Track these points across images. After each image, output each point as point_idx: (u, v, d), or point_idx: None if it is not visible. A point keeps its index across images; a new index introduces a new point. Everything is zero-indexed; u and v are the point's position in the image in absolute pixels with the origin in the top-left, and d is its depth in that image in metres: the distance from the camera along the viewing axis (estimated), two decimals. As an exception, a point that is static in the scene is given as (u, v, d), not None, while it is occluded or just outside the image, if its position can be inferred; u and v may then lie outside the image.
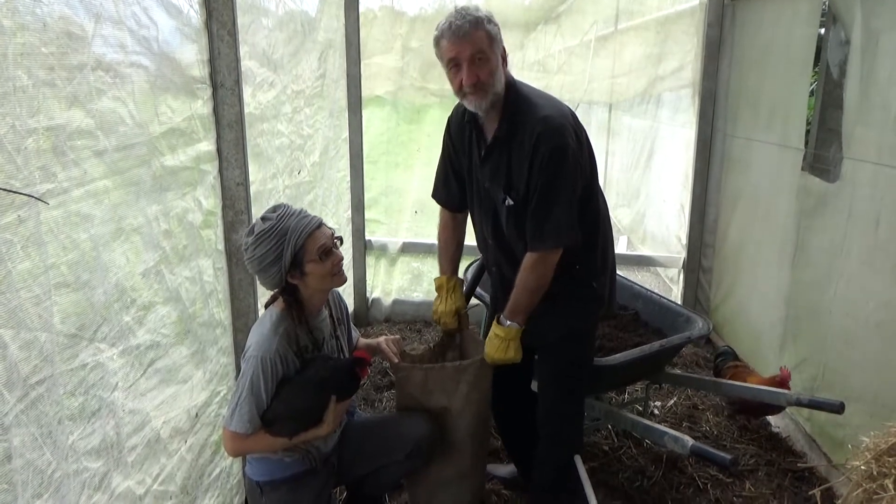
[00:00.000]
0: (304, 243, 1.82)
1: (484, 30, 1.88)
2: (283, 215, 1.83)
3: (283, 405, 1.85)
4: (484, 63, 1.89)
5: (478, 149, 2.08)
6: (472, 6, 1.94)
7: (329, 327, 2.07)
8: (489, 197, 2.09)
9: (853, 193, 2.54)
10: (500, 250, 2.16)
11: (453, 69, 1.92)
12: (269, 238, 1.80)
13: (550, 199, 1.94)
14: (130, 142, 1.67)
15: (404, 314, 4.46)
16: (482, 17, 1.89)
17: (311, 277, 1.87)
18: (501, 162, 2.01)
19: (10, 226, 1.23)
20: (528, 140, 1.92)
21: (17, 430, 1.25)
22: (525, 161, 1.94)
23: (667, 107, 4.16)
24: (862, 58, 2.49)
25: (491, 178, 2.06)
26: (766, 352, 3.31)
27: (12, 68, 1.24)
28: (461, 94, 1.94)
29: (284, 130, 2.91)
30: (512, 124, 1.97)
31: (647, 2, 4.03)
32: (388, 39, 4.19)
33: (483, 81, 1.89)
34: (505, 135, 1.98)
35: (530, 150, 1.92)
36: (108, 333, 1.59)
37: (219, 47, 2.10)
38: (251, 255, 1.83)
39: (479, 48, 1.87)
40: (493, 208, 2.10)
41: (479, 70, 1.88)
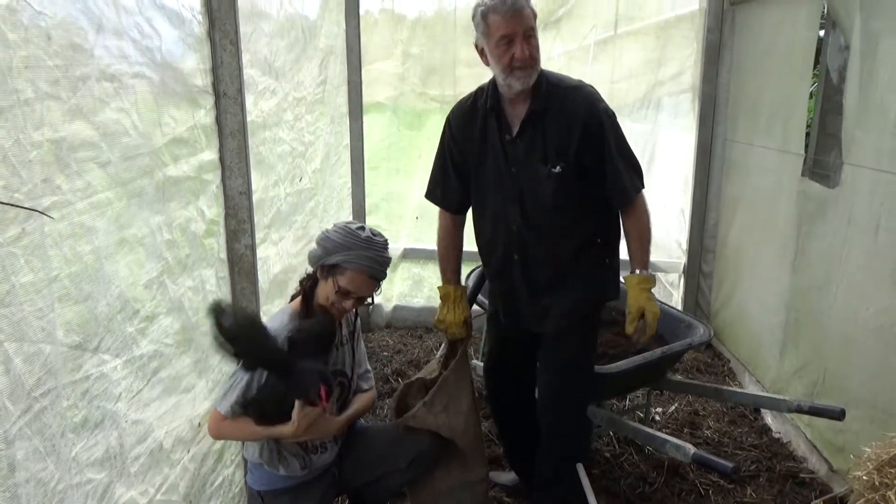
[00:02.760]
0: (347, 270, 1.89)
1: (530, 7, 1.96)
2: (371, 240, 1.92)
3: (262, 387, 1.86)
4: (533, 39, 1.96)
5: (501, 134, 2.10)
6: None
7: (337, 337, 2.07)
8: (518, 177, 2.11)
9: (853, 199, 2.54)
10: (531, 231, 2.15)
11: (504, 45, 1.94)
12: (344, 236, 1.91)
13: (624, 150, 2.09)
14: (134, 152, 1.67)
15: (405, 320, 4.46)
16: None
17: (323, 289, 1.95)
18: (537, 137, 2.06)
19: (14, 239, 1.23)
20: (573, 108, 2.02)
21: (21, 443, 1.25)
22: (574, 128, 2.02)
23: (667, 111, 4.16)
24: (861, 63, 2.50)
25: (527, 155, 2.08)
26: (767, 357, 3.32)
27: (17, 81, 1.25)
28: (509, 69, 1.96)
29: (286, 138, 2.92)
30: (546, 100, 2.03)
31: (647, 6, 4.04)
32: (389, 45, 4.20)
33: (534, 57, 1.96)
34: (541, 109, 2.03)
35: (581, 117, 2.01)
36: (112, 344, 1.60)
37: (221, 56, 2.11)
38: (328, 231, 1.96)
39: (529, 24, 1.93)
40: (521, 190, 2.11)
41: (531, 46, 1.94)
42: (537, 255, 2.17)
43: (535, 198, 2.11)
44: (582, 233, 2.17)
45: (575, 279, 2.18)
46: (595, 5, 4.05)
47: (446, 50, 4.15)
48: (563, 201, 2.10)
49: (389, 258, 1.99)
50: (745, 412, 3.28)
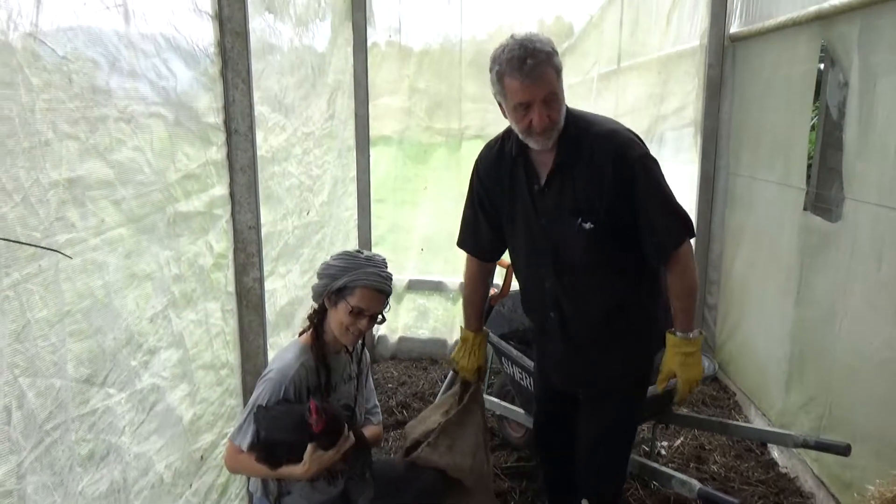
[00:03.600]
0: (356, 289, 1.91)
1: (553, 66, 1.76)
2: (371, 260, 1.97)
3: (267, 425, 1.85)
4: (554, 102, 1.79)
5: (529, 184, 1.96)
6: (534, 35, 1.79)
7: (346, 371, 2.09)
8: (549, 231, 1.96)
9: (855, 233, 2.56)
10: (566, 288, 2.00)
11: (521, 111, 1.79)
12: (346, 260, 1.95)
13: (662, 200, 1.88)
14: (147, 189, 1.72)
15: (410, 351, 4.46)
16: (550, 51, 1.76)
17: (335, 314, 1.95)
18: (566, 188, 1.90)
19: (31, 276, 1.27)
20: (602, 157, 1.83)
21: (32, 477, 1.27)
22: (603, 181, 1.84)
23: (670, 145, 4.21)
24: (860, 99, 2.54)
25: (556, 208, 1.93)
26: (773, 390, 3.30)
27: (39, 123, 1.30)
28: (527, 132, 1.83)
29: (294, 171, 2.97)
30: (575, 147, 1.86)
31: (649, 42, 4.12)
32: (396, 80, 4.28)
33: (554, 121, 1.80)
34: (569, 160, 1.88)
35: (611, 168, 1.83)
36: (117, 378, 1.62)
37: (233, 95, 2.17)
38: (327, 262, 1.99)
39: (550, 89, 1.76)
40: (553, 244, 1.96)
41: (551, 110, 1.78)
42: (575, 314, 2.02)
43: (568, 254, 1.96)
44: (622, 289, 2.00)
45: (618, 337, 2.03)
46: (598, 41, 4.13)
47: (452, 85, 4.22)
48: (597, 258, 1.94)
49: (391, 274, 2.00)
50: (751, 446, 3.26)
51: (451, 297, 4.47)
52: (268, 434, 1.84)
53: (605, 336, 2.04)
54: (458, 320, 4.43)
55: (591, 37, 4.20)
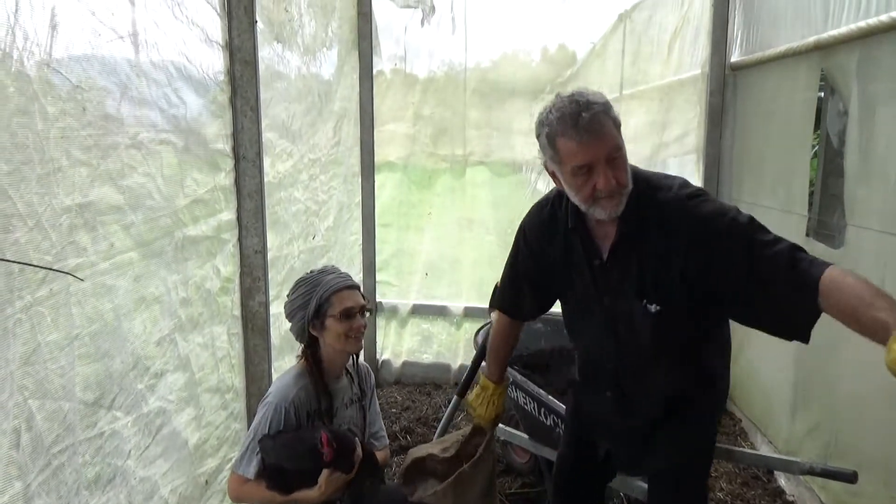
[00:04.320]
0: (330, 298, 1.89)
1: (611, 118, 1.54)
2: (324, 271, 1.95)
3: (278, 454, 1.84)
4: (619, 160, 1.54)
5: (589, 257, 1.72)
6: (583, 88, 1.59)
7: (347, 397, 2.08)
8: (611, 311, 1.74)
9: (858, 260, 2.57)
10: (629, 372, 1.81)
11: (582, 176, 1.54)
12: (304, 285, 1.93)
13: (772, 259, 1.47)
14: (156, 214, 1.75)
15: (414, 376, 4.46)
16: (606, 102, 1.55)
17: (328, 333, 1.91)
18: (631, 264, 1.65)
19: (42, 299, 1.29)
20: (676, 229, 1.57)
21: (39, 500, 1.27)
22: (677, 257, 1.57)
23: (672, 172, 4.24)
24: (860, 128, 2.57)
25: (619, 287, 1.69)
26: (779, 416, 3.28)
27: (53, 150, 1.33)
28: (591, 200, 1.56)
29: (301, 197, 3.01)
30: (641, 215, 1.60)
31: (650, 71, 4.18)
32: (401, 107, 4.35)
33: (622, 184, 1.55)
34: (633, 234, 1.62)
35: (689, 243, 1.55)
36: (124, 401, 1.64)
37: (242, 122, 2.21)
38: (287, 299, 1.94)
39: (613, 143, 1.52)
40: (615, 325, 1.76)
41: (617, 170, 1.53)
42: (636, 395, 1.83)
43: (632, 336, 1.73)
44: (693, 369, 1.79)
45: (685, 418, 1.81)
46: (600, 69, 4.20)
47: (456, 112, 4.28)
48: (666, 342, 1.70)
49: (347, 273, 1.99)
50: (758, 473, 3.23)
51: (454, 321, 4.47)
52: (277, 463, 1.83)
53: (667, 416, 1.82)
54: (462, 345, 4.43)
55: (593, 65, 4.27)
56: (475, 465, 2.17)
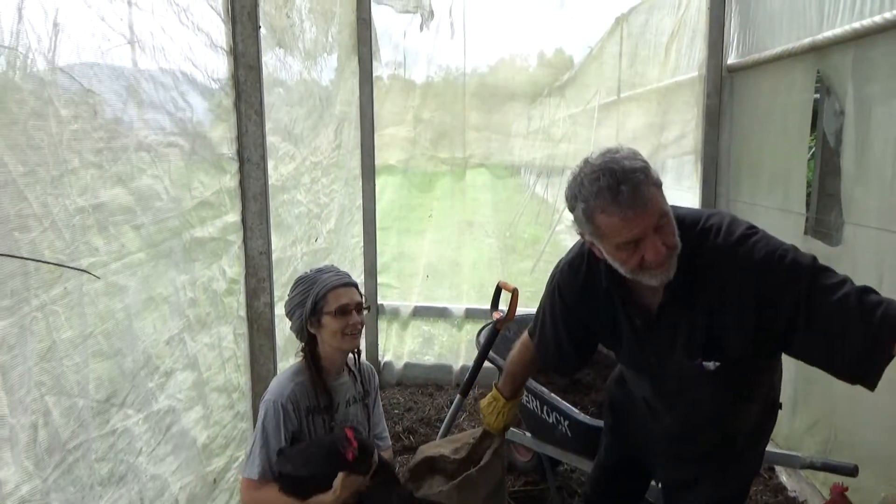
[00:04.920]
0: (326, 295, 1.91)
1: (652, 182, 1.38)
2: (322, 269, 1.98)
3: (293, 462, 1.85)
4: (667, 225, 1.40)
5: (630, 319, 1.62)
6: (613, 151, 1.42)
7: (349, 394, 2.08)
8: (659, 370, 1.66)
9: (855, 257, 2.60)
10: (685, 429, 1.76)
11: (629, 250, 1.41)
12: (301, 284, 1.95)
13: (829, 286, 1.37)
14: (164, 216, 1.78)
15: (416, 378, 4.48)
16: (643, 166, 1.39)
17: (325, 331, 1.92)
18: (682, 323, 1.54)
19: (57, 298, 1.32)
20: (732, 282, 1.44)
21: (56, 495, 1.30)
22: (739, 307, 1.45)
23: (671, 173, 4.29)
24: (856, 128, 2.61)
25: (669, 347, 1.58)
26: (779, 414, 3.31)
27: (66, 152, 1.36)
28: (638, 270, 1.44)
29: (303, 200, 3.04)
30: (689, 272, 1.46)
31: (648, 73, 4.22)
32: (401, 111, 4.39)
33: (672, 247, 1.42)
34: (683, 288, 1.49)
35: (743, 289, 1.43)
36: (135, 400, 1.66)
37: (246, 125, 2.24)
38: (287, 302, 1.97)
39: (660, 211, 1.38)
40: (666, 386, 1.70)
41: (665, 236, 1.40)
42: (690, 448, 1.77)
43: (685, 393, 1.66)
44: (750, 414, 1.73)
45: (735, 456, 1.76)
46: (598, 72, 4.24)
47: (456, 115, 4.32)
48: (726, 395, 1.62)
49: (345, 271, 2.01)
50: (759, 471, 3.26)
51: (455, 323, 4.50)
52: (296, 472, 1.82)
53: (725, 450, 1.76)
54: (463, 346, 4.46)
55: (591, 68, 4.32)
56: (483, 469, 2.18)
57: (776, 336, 1.44)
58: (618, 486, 2.15)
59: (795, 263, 1.40)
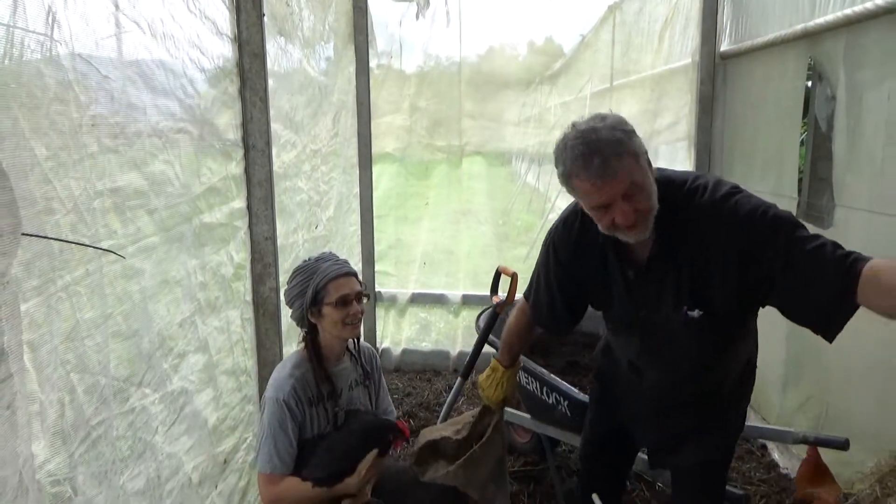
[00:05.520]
0: (327, 285, 1.92)
1: (628, 152, 1.47)
2: (321, 258, 1.99)
3: (317, 455, 1.90)
4: (638, 194, 1.49)
5: (623, 270, 1.71)
6: (598, 120, 1.51)
7: (351, 378, 2.12)
8: (648, 325, 1.74)
9: (847, 239, 2.62)
10: (670, 383, 1.84)
11: (600, 212, 1.53)
12: (301, 273, 1.96)
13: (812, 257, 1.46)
14: (176, 201, 1.81)
15: (413, 364, 4.54)
16: (619, 139, 1.46)
17: (326, 320, 1.94)
18: (669, 275, 1.63)
19: (79, 279, 1.36)
20: (715, 235, 1.54)
21: (81, 469, 1.34)
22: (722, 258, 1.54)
23: (664, 159, 4.35)
24: (847, 113, 2.67)
25: (657, 299, 1.68)
26: (770, 394, 3.39)
27: (86, 137, 1.39)
28: (612, 228, 1.55)
29: (304, 187, 3.07)
30: (674, 228, 1.58)
31: (641, 60, 4.27)
32: (397, 99, 4.42)
33: (644, 211, 1.52)
34: (668, 246, 1.61)
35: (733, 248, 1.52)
36: (152, 379, 1.70)
37: (251, 112, 2.27)
38: (287, 286, 1.98)
39: (629, 182, 1.47)
40: (652, 337, 1.77)
41: (636, 202, 1.50)
42: (674, 402, 1.85)
43: (671, 347, 1.74)
44: (734, 363, 1.81)
45: (718, 412, 1.84)
46: (591, 60, 4.28)
47: (451, 103, 4.36)
48: (708, 345, 1.71)
49: (344, 258, 2.03)
50: (752, 448, 3.34)
51: (452, 309, 4.56)
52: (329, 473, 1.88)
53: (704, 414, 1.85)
54: (460, 332, 4.52)
55: (584, 56, 4.35)
56: (484, 445, 2.22)
57: (757, 288, 1.52)
58: (606, 458, 2.21)
59: (776, 219, 1.49)
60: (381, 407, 2.25)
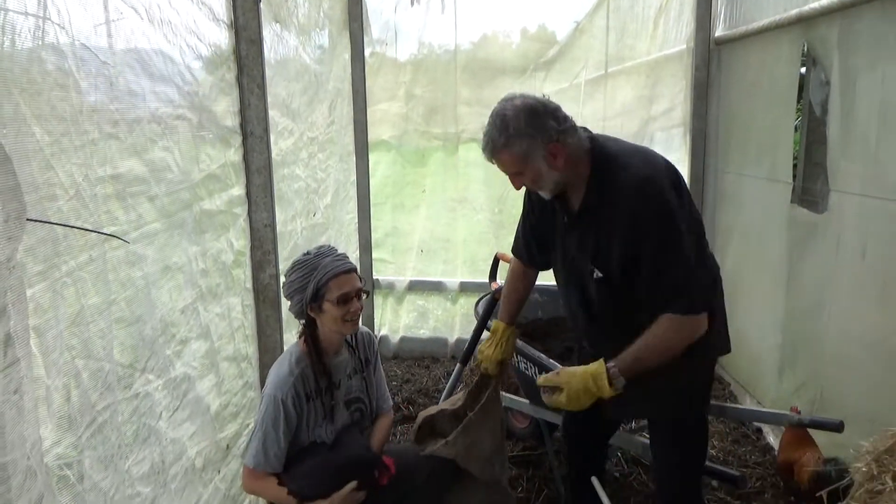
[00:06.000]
0: (328, 282, 1.93)
1: (507, 153, 1.81)
2: (321, 253, 1.97)
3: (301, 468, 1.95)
4: (519, 177, 1.86)
5: (563, 218, 1.97)
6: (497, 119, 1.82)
7: (349, 367, 2.14)
8: (576, 268, 1.98)
9: (841, 223, 2.70)
10: (592, 324, 2.04)
11: None
12: (301, 268, 1.95)
13: (666, 262, 1.76)
14: (176, 188, 1.81)
15: (412, 351, 4.56)
16: (500, 146, 1.81)
17: (326, 316, 1.96)
18: (589, 232, 1.88)
19: (83, 264, 1.36)
20: (622, 207, 1.77)
21: (89, 452, 1.35)
22: (619, 230, 1.79)
23: (660, 145, 4.35)
24: (841, 97, 2.68)
25: (578, 249, 1.93)
26: (766, 378, 3.43)
27: (86, 123, 1.39)
28: None
29: (302, 175, 3.07)
30: (600, 193, 1.83)
31: (636, 47, 4.27)
32: (392, 87, 4.41)
33: (534, 183, 1.87)
34: (593, 205, 1.86)
35: (628, 219, 1.77)
36: (155, 365, 1.71)
37: (249, 99, 2.27)
38: (285, 280, 1.98)
39: (508, 170, 1.86)
40: (580, 280, 1.98)
41: (521, 180, 1.87)
42: (606, 348, 1.94)
43: (599, 303, 1.96)
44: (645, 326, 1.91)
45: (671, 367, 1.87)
46: (586, 46, 4.28)
47: (447, 90, 4.35)
48: (610, 305, 1.93)
49: (344, 253, 2.03)
50: (747, 432, 3.38)
51: (450, 297, 4.57)
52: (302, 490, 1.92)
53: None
54: (458, 320, 4.54)
55: (578, 43, 4.34)
56: (481, 410, 2.24)
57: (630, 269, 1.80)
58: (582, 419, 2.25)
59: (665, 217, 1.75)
60: (378, 393, 2.27)
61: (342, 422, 2.10)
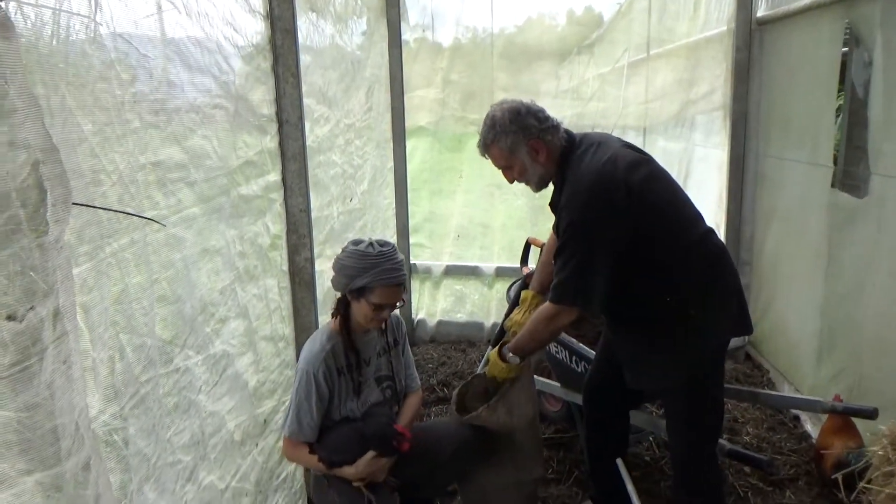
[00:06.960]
0: (375, 288, 2.02)
1: (496, 148, 2.14)
2: (383, 254, 2.02)
3: (330, 438, 2.09)
4: (508, 171, 2.19)
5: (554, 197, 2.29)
6: (488, 117, 2.16)
7: (378, 346, 2.23)
8: None
9: (882, 208, 2.63)
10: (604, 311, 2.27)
11: None
12: (361, 259, 2.01)
13: (564, 261, 2.03)
14: (214, 174, 1.90)
15: (448, 335, 4.63)
16: (488, 144, 2.15)
17: (359, 309, 2.08)
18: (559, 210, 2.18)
19: (126, 246, 1.45)
20: (567, 192, 2.08)
21: (133, 421, 1.45)
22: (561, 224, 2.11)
23: (700, 129, 4.29)
24: (884, 78, 2.61)
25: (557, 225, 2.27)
26: (804, 365, 3.38)
27: (128, 113, 1.48)
28: None
29: (338, 161, 3.15)
30: (559, 192, 2.16)
31: (677, 29, 4.20)
32: (430, 73, 4.45)
33: (522, 179, 2.19)
34: (556, 203, 2.18)
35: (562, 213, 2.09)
36: (195, 342, 1.81)
37: (284, 88, 2.34)
38: (341, 258, 2.06)
39: (498, 164, 2.19)
40: None
41: (511, 173, 2.18)
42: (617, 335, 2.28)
43: None
44: (641, 303, 2.12)
45: (660, 343, 2.13)
46: (627, 30, 4.23)
47: (484, 76, 4.36)
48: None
49: (402, 260, 2.09)
50: (784, 419, 3.34)
51: (486, 282, 4.61)
52: (330, 458, 2.06)
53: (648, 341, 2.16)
54: (494, 304, 4.58)
55: (620, 25, 4.30)
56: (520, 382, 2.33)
57: None
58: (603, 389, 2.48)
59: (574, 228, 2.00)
60: (407, 373, 2.34)
61: (374, 398, 2.20)
